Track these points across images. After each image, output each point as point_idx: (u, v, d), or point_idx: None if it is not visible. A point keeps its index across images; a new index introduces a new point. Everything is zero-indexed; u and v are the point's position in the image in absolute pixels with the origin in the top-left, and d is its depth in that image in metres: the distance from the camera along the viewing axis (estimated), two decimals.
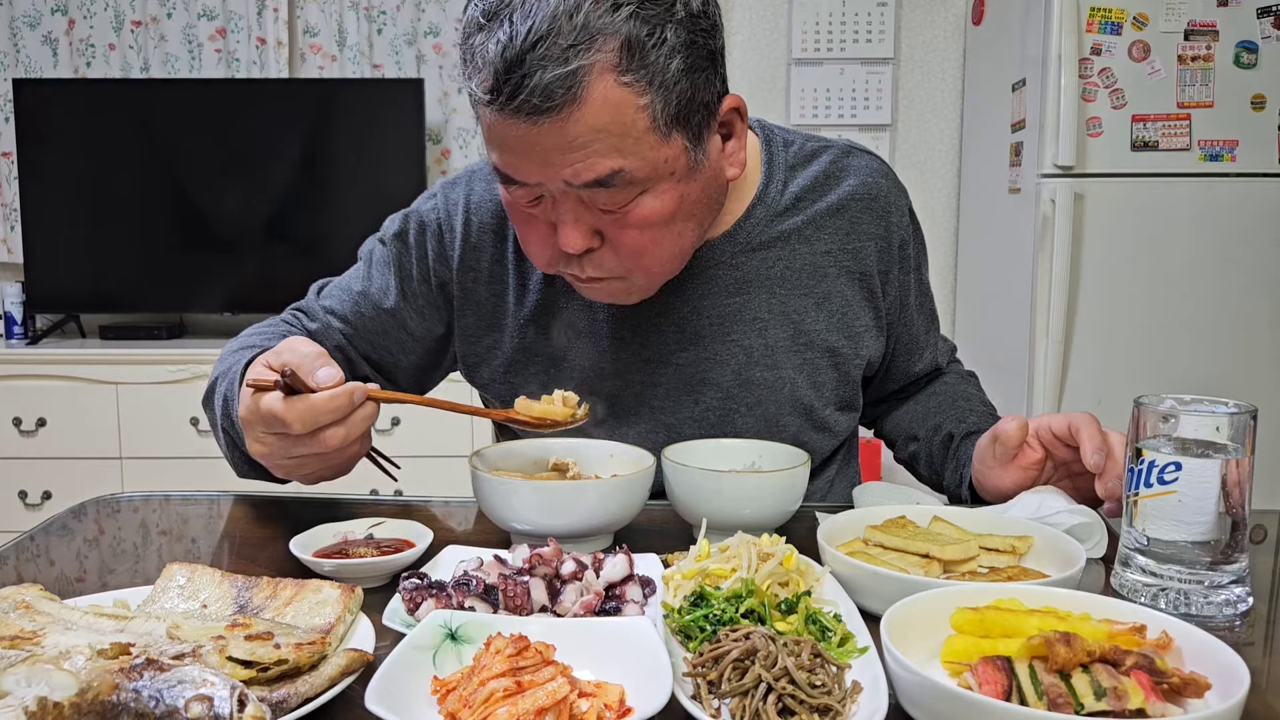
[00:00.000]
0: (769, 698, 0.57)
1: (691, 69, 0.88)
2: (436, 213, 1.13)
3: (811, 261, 1.11)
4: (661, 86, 0.86)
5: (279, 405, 0.81)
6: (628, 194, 0.90)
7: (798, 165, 1.13)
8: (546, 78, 0.82)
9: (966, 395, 1.24)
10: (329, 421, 0.82)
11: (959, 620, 0.65)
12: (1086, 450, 0.94)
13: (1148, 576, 0.78)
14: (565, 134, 0.85)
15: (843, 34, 3.26)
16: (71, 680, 0.52)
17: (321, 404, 0.81)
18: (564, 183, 0.88)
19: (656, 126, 0.88)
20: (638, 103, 0.86)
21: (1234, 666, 0.58)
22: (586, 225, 0.93)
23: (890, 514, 0.89)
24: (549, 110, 0.83)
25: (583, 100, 0.84)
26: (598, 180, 0.88)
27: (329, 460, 0.87)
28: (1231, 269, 2.56)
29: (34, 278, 3.13)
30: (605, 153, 0.87)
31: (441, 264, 1.12)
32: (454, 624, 0.65)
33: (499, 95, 0.84)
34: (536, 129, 0.85)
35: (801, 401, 1.12)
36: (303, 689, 0.58)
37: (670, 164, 0.91)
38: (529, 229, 0.97)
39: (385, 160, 3.09)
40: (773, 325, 1.10)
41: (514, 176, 0.91)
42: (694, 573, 0.75)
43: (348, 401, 0.82)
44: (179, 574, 0.76)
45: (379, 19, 3.27)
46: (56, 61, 3.26)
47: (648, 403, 1.11)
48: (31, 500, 2.91)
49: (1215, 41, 2.50)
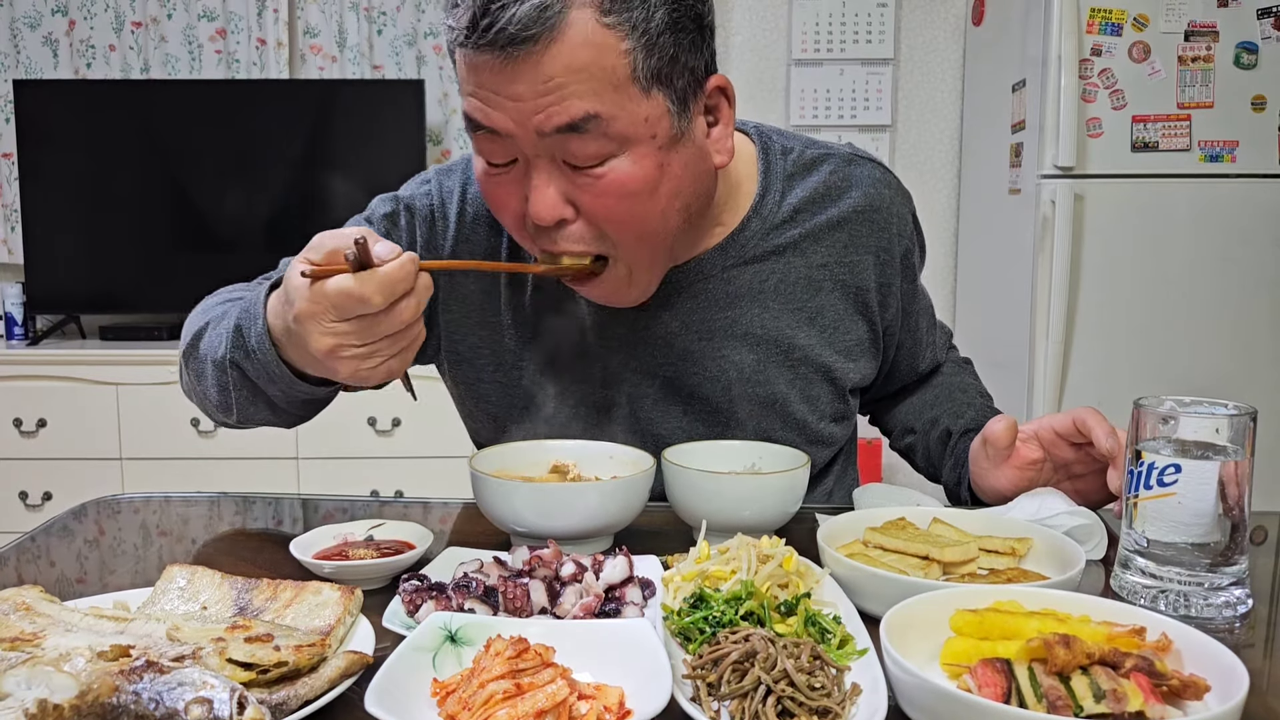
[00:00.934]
0: (768, 700, 0.57)
1: (676, 26, 0.86)
2: (430, 199, 1.10)
3: (806, 275, 1.08)
4: (645, 35, 0.84)
5: (353, 282, 0.76)
6: (601, 147, 0.86)
7: (797, 174, 1.09)
8: (523, 9, 0.80)
9: (963, 386, 1.23)
10: (403, 291, 0.78)
11: (958, 622, 0.65)
12: (1099, 437, 0.94)
13: (1147, 578, 0.78)
14: (540, 71, 0.82)
15: (843, 34, 3.26)
16: (72, 682, 0.52)
17: (395, 272, 0.77)
18: (535, 132, 0.85)
19: (637, 78, 0.85)
20: (619, 47, 0.83)
21: (1233, 668, 0.58)
22: (559, 190, 0.89)
23: (890, 516, 0.89)
24: (525, 40, 0.81)
25: (560, 34, 0.81)
26: (570, 124, 0.84)
27: (402, 340, 0.82)
28: (1231, 270, 2.56)
29: (34, 278, 3.13)
30: (581, 95, 0.83)
31: (430, 252, 1.09)
32: (454, 626, 0.65)
33: (475, 29, 0.82)
34: (511, 65, 0.83)
35: (794, 416, 1.10)
36: (302, 691, 0.58)
37: (651, 125, 0.87)
38: (502, 200, 0.93)
39: (385, 161, 3.09)
40: (764, 341, 1.08)
41: (484, 122, 0.87)
42: (694, 574, 0.75)
43: (414, 269, 0.79)
44: (179, 576, 0.76)
45: (379, 20, 3.27)
46: (57, 62, 3.26)
47: (635, 414, 1.09)
48: (32, 501, 2.91)
49: (1215, 42, 2.50)
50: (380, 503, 1.10)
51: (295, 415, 1.02)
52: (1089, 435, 0.95)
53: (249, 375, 0.92)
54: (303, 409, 1.01)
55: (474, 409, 1.16)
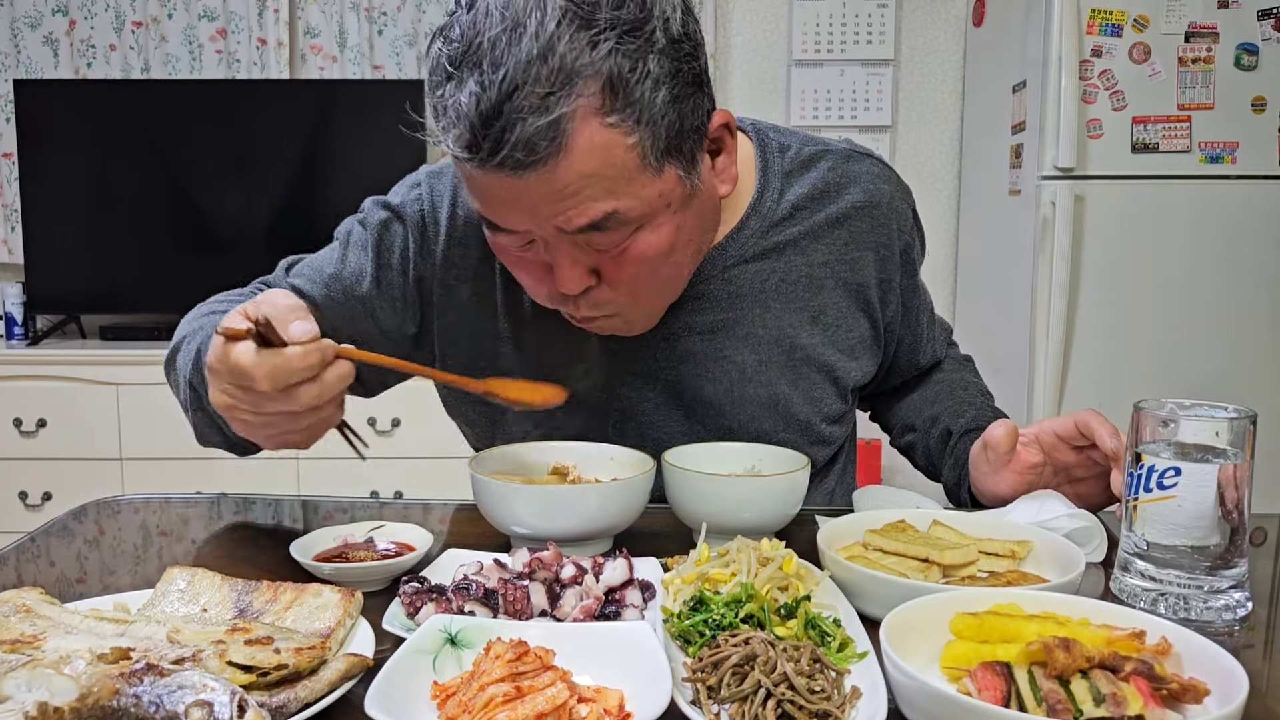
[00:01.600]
0: (768, 703, 0.57)
1: (678, 97, 0.84)
2: (421, 203, 1.07)
3: (807, 273, 1.07)
4: (649, 122, 0.82)
5: (248, 357, 0.76)
6: (623, 233, 0.87)
7: (795, 172, 1.08)
8: (528, 130, 0.78)
9: (964, 384, 1.23)
10: (301, 379, 0.77)
11: (958, 625, 0.65)
12: (1103, 437, 0.94)
13: (1147, 581, 0.78)
14: (553, 183, 0.81)
15: (843, 35, 3.26)
16: (72, 685, 0.53)
17: (294, 359, 0.76)
18: (556, 229, 0.85)
19: (648, 163, 0.84)
20: (626, 142, 0.82)
21: (1233, 672, 0.58)
22: (583, 266, 0.89)
23: (890, 518, 0.89)
24: (534, 164, 0.79)
25: (568, 149, 0.79)
26: (592, 224, 0.84)
27: (299, 421, 0.82)
28: (1232, 271, 2.56)
29: (34, 278, 3.13)
30: (597, 196, 0.83)
31: (423, 258, 1.06)
32: (454, 628, 0.65)
33: (478, 151, 0.80)
34: (522, 182, 0.81)
35: (797, 417, 1.09)
36: (302, 694, 0.58)
37: (665, 197, 0.87)
38: (523, 272, 0.94)
39: (386, 161, 3.07)
40: (765, 341, 1.07)
41: (504, 225, 0.87)
42: (693, 577, 0.75)
43: (320, 359, 0.77)
44: (179, 578, 0.76)
45: (380, 20, 3.27)
46: (57, 62, 3.26)
47: (635, 418, 1.08)
48: (32, 501, 2.91)
49: (1216, 43, 2.51)
50: (380, 504, 1.10)
51: (246, 448, 1.05)
52: (1092, 437, 0.95)
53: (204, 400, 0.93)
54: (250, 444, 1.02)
55: (469, 413, 1.15)
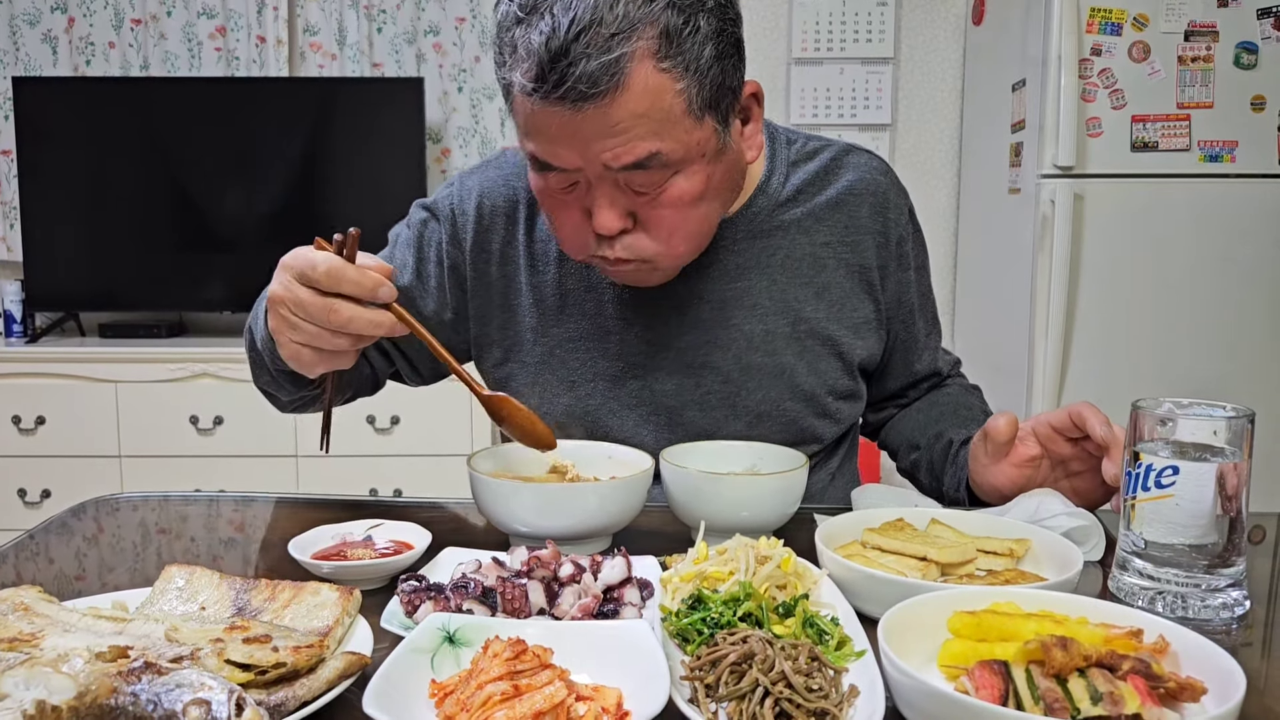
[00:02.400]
0: (766, 701, 0.57)
1: (721, 55, 0.93)
2: (451, 200, 1.17)
3: (811, 253, 1.14)
4: (696, 72, 0.91)
5: (321, 254, 0.84)
6: (663, 175, 0.94)
7: (799, 161, 1.16)
8: (591, 65, 0.86)
9: (969, 405, 1.24)
10: (348, 291, 0.84)
11: (956, 624, 0.65)
12: (1093, 426, 0.95)
13: (1145, 580, 0.78)
14: (608, 119, 0.89)
15: (843, 34, 3.26)
16: (70, 683, 0.52)
17: (351, 270, 0.84)
18: (603, 166, 0.92)
19: (691, 110, 0.92)
20: (675, 88, 0.90)
21: (1230, 671, 0.58)
22: (621, 208, 0.96)
23: (888, 516, 0.89)
24: (594, 96, 0.87)
25: (625, 86, 0.87)
26: (636, 163, 0.92)
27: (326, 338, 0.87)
28: (1231, 270, 2.56)
29: (33, 276, 3.13)
30: (644, 136, 0.91)
31: (455, 247, 1.16)
32: (452, 627, 0.65)
33: (544, 84, 0.87)
34: (580, 115, 0.88)
35: (802, 388, 1.14)
36: (300, 692, 0.58)
37: (702, 146, 0.95)
38: (562, 215, 1.00)
39: (385, 159, 3.09)
40: (772, 312, 1.13)
41: (553, 163, 0.94)
42: (692, 575, 0.75)
43: (371, 286, 0.85)
44: (177, 576, 0.76)
45: (379, 18, 3.27)
46: (56, 59, 3.26)
47: (649, 385, 1.13)
48: (31, 499, 2.91)
49: (1215, 42, 2.50)
50: (379, 502, 1.10)
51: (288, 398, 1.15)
52: (1084, 426, 0.97)
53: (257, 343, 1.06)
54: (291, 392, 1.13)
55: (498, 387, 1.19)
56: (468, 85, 3.28)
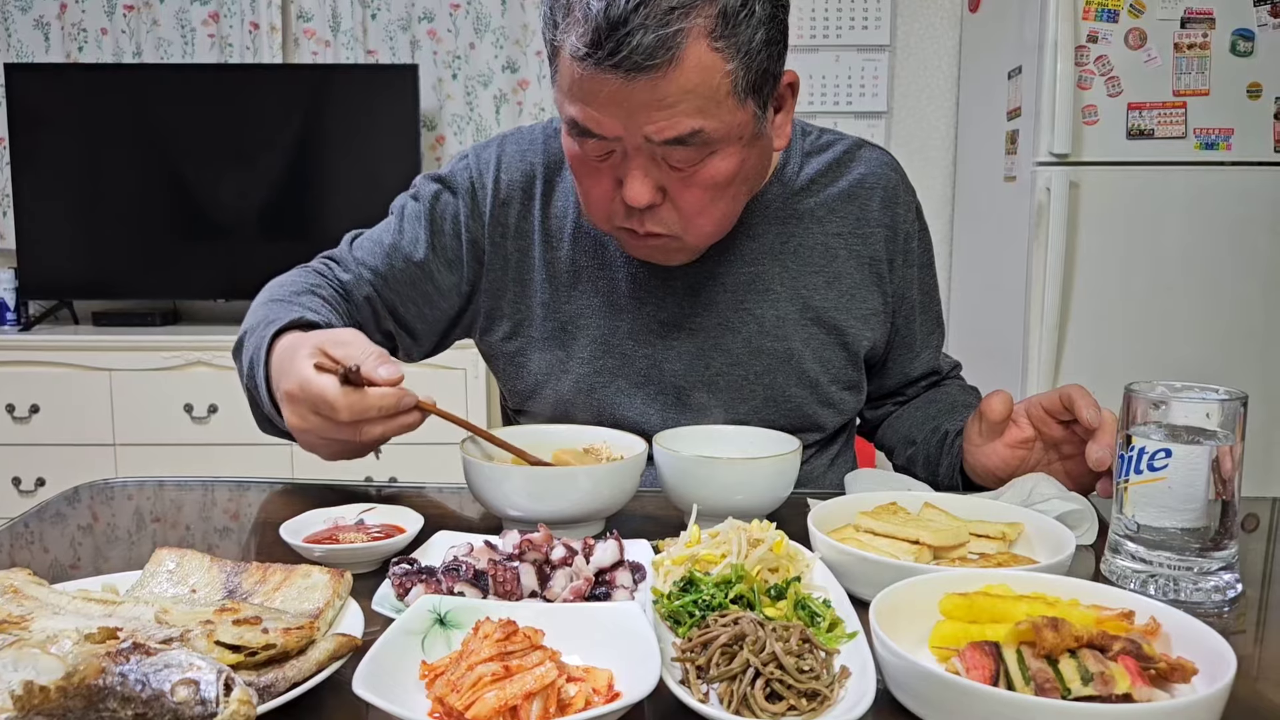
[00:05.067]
0: (757, 682, 0.57)
1: (770, 41, 0.94)
2: (469, 172, 1.17)
3: (823, 242, 1.15)
4: (746, 55, 0.91)
5: (334, 391, 0.83)
6: (700, 153, 0.95)
7: (813, 152, 1.18)
8: (649, 38, 0.86)
9: (966, 403, 1.24)
10: (374, 417, 0.85)
11: (948, 606, 0.65)
12: (1080, 407, 0.95)
13: (1137, 563, 0.78)
14: (657, 92, 0.89)
15: (839, 21, 3.25)
16: (58, 664, 0.52)
17: (374, 400, 0.84)
18: (644, 138, 0.92)
19: (736, 92, 0.92)
20: (725, 68, 0.91)
21: (1221, 652, 0.58)
22: (654, 181, 0.96)
23: (881, 500, 0.89)
24: (648, 68, 0.88)
25: (678, 61, 0.88)
26: (678, 138, 0.92)
27: (361, 449, 0.90)
28: (1226, 257, 2.56)
29: (27, 264, 3.12)
30: (690, 113, 0.91)
31: (474, 220, 1.16)
32: (443, 609, 0.65)
33: (599, 50, 0.88)
34: (630, 85, 0.89)
35: (808, 375, 1.15)
36: (290, 673, 0.58)
37: (741, 128, 0.96)
38: (593, 182, 1.00)
39: (380, 146, 3.08)
40: (784, 298, 1.14)
41: (595, 130, 0.94)
42: (684, 558, 0.75)
43: (395, 403, 0.85)
44: (168, 559, 0.76)
45: (373, 4, 3.25)
46: (48, 46, 3.23)
47: (659, 365, 1.14)
48: (25, 487, 2.91)
49: (1212, 29, 2.50)
50: (373, 487, 1.10)
51: None
52: (1072, 409, 0.97)
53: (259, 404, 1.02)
54: None
55: (506, 366, 1.20)
56: (462, 72, 3.27)
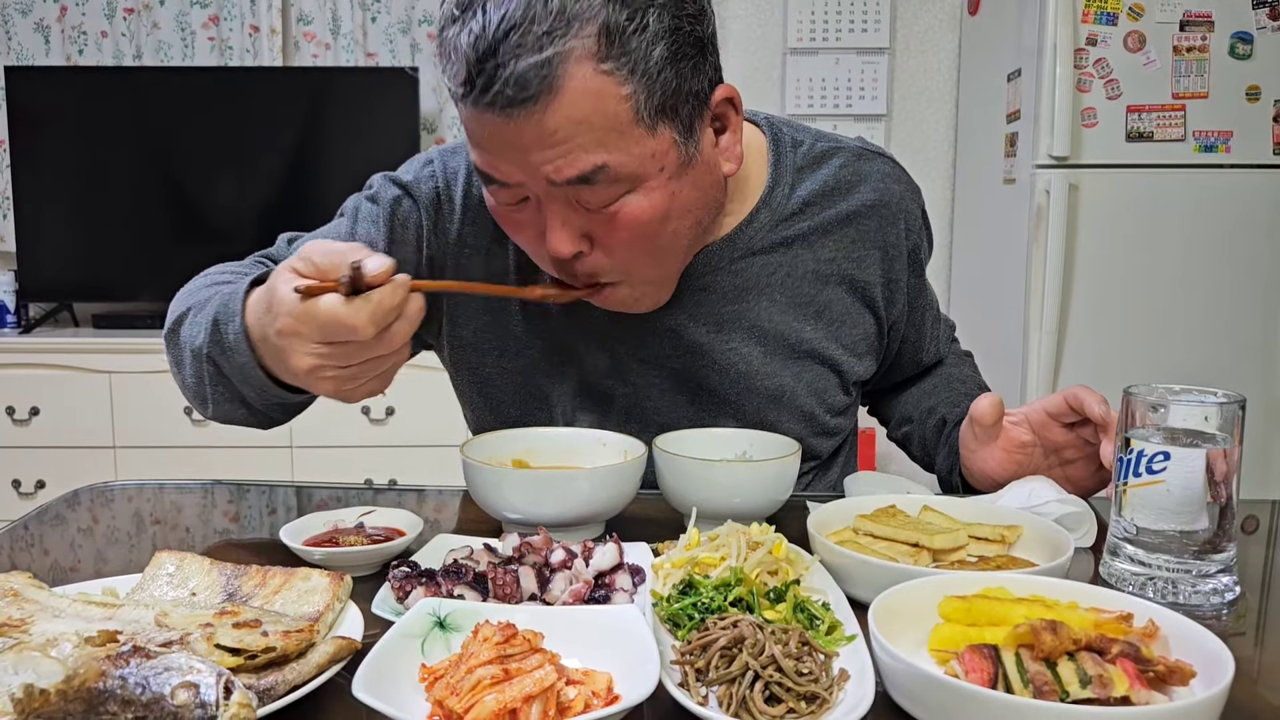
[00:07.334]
0: (756, 685, 0.57)
1: (677, 57, 0.84)
2: (434, 181, 1.07)
3: (814, 269, 1.07)
4: (644, 75, 0.82)
5: (345, 309, 0.74)
6: (613, 191, 0.86)
7: (807, 168, 1.08)
8: (520, 66, 0.78)
9: (962, 378, 1.23)
10: (395, 318, 0.77)
11: (947, 609, 0.65)
12: (1090, 406, 0.94)
13: (1136, 566, 0.78)
14: (543, 127, 0.81)
15: (838, 24, 3.25)
16: (58, 668, 0.52)
17: (387, 299, 0.75)
18: (546, 180, 0.84)
19: (640, 118, 0.83)
20: (619, 93, 0.82)
21: (1219, 655, 0.58)
22: (574, 228, 0.89)
23: (880, 503, 0.89)
24: (524, 102, 0.80)
25: (560, 90, 0.80)
26: (580, 176, 0.84)
27: (386, 364, 0.81)
28: (1225, 260, 2.57)
29: (27, 266, 3.12)
30: (588, 147, 0.82)
31: (436, 236, 1.07)
32: (442, 612, 0.65)
33: (472, 88, 0.80)
34: (513, 123, 0.81)
35: (802, 409, 1.10)
36: (290, 676, 0.58)
37: (659, 159, 0.87)
38: (521, 237, 0.94)
39: (379, 150, 3.07)
40: (771, 334, 1.07)
41: (496, 176, 0.87)
42: (683, 561, 0.75)
43: (405, 293, 0.77)
44: (168, 562, 0.76)
45: (373, 7, 3.26)
46: (49, 49, 3.24)
47: (641, 404, 1.09)
48: (25, 489, 2.91)
49: (1210, 32, 2.50)
50: (373, 490, 1.10)
51: (271, 418, 1.02)
52: (1080, 408, 0.96)
53: (225, 372, 0.92)
54: (278, 412, 1.01)
55: (473, 395, 1.14)
56: None
